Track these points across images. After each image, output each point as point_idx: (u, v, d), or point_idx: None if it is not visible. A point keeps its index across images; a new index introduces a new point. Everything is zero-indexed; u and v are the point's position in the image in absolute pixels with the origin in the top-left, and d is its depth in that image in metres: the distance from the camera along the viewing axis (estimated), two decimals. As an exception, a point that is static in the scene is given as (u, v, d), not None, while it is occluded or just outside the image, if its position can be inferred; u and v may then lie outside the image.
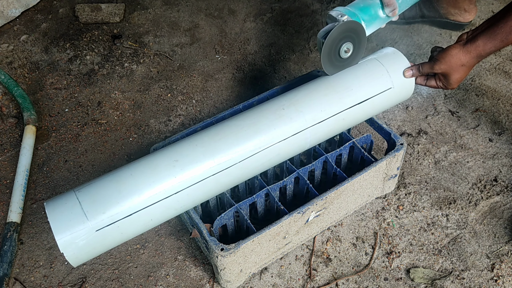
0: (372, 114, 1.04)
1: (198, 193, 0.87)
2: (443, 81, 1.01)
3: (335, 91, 0.97)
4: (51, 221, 0.79)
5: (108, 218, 0.80)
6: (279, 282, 1.05)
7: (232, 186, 0.93)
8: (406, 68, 1.02)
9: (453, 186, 1.22)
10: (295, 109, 0.94)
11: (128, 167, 0.86)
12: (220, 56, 1.61)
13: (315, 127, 0.95)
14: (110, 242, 0.83)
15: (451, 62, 0.96)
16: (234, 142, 0.89)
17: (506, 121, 1.36)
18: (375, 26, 0.99)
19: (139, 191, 0.82)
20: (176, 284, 1.05)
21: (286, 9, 1.76)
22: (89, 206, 0.80)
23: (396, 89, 1.02)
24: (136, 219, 0.82)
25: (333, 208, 1.05)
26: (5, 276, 1.04)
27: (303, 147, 0.97)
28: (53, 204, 0.81)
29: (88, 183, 0.85)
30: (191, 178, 0.85)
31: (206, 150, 0.87)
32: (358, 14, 0.95)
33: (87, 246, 0.80)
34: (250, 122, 0.92)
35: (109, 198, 0.81)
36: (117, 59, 1.58)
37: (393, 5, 0.96)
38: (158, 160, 0.86)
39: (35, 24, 1.70)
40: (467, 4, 1.54)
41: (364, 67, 1.01)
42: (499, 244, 1.11)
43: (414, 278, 1.05)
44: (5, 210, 1.18)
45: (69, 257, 0.79)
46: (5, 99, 1.45)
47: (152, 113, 1.43)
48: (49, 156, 1.31)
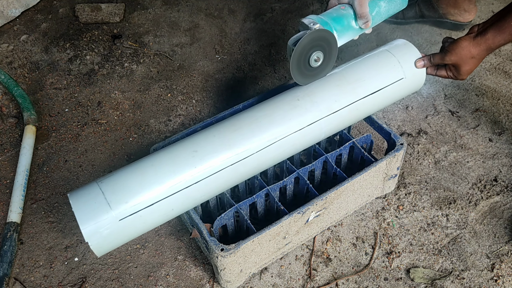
0: (385, 104, 1.05)
1: (216, 183, 0.89)
2: (453, 72, 1.02)
3: (348, 82, 0.98)
4: (75, 211, 0.80)
5: (130, 207, 0.81)
6: (279, 282, 1.05)
7: (249, 176, 0.95)
8: (417, 59, 1.03)
9: (453, 186, 1.22)
10: (309, 100, 0.95)
11: (148, 158, 0.88)
12: (220, 56, 1.61)
13: (329, 117, 0.96)
14: (132, 232, 0.84)
15: (462, 54, 0.97)
16: (250, 133, 0.91)
17: (506, 121, 1.36)
18: (347, 37, 0.97)
19: (160, 181, 0.84)
20: (176, 284, 1.05)
21: (286, 9, 1.76)
22: (112, 196, 0.81)
23: (407, 79, 1.03)
24: (158, 209, 0.84)
25: (333, 208, 1.05)
26: (5, 276, 1.04)
27: (317, 138, 0.99)
28: (77, 195, 0.82)
29: (109, 174, 0.86)
30: (210, 168, 0.87)
31: (224, 141, 0.89)
32: (331, 23, 0.94)
33: (110, 235, 0.81)
34: (265, 113, 0.93)
35: (131, 188, 0.82)
36: (117, 59, 1.58)
37: (366, 18, 0.95)
38: (178, 151, 0.88)
39: (35, 24, 1.70)
40: (467, 4, 1.54)
41: (376, 58, 1.03)
42: (499, 244, 1.11)
43: (414, 278, 1.05)
44: (5, 210, 1.18)
45: (94, 247, 0.80)
46: (5, 99, 1.45)
47: (152, 113, 1.43)
48: (49, 156, 1.31)
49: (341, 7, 0.97)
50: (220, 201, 1.10)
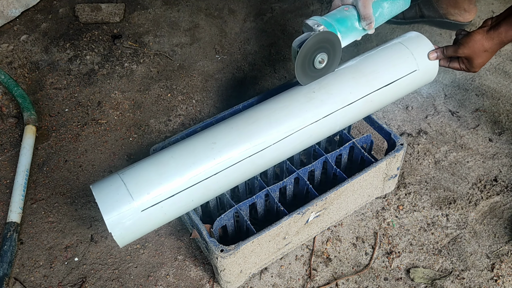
0: (398, 96, 1.06)
1: (235, 174, 0.90)
2: (466, 64, 1.03)
3: (362, 74, 1.00)
4: (99, 202, 0.81)
5: (152, 198, 0.82)
6: (279, 282, 1.05)
7: (266, 168, 0.96)
8: (431, 51, 1.04)
9: (453, 186, 1.22)
10: (325, 92, 0.97)
11: (168, 150, 0.89)
12: (220, 56, 1.61)
13: (345, 109, 0.97)
14: (154, 223, 0.85)
15: (474, 48, 0.98)
16: (268, 125, 0.92)
17: (506, 121, 1.36)
18: (351, 38, 0.98)
19: (180, 173, 0.85)
20: (176, 284, 1.05)
21: (286, 9, 1.76)
22: (134, 187, 0.82)
23: (421, 71, 1.04)
24: (178, 200, 0.85)
25: (333, 208, 1.05)
26: (5, 276, 1.04)
27: (333, 129, 1.00)
28: (99, 186, 0.84)
29: (130, 166, 0.88)
30: (229, 159, 0.88)
31: (241, 133, 0.90)
32: (335, 25, 0.94)
33: (133, 226, 0.82)
34: (282, 106, 0.95)
35: (152, 179, 0.84)
36: (117, 59, 1.58)
37: (369, 19, 0.95)
38: (197, 143, 0.89)
39: (35, 24, 1.70)
40: (467, 4, 1.54)
41: (389, 50, 1.04)
42: (499, 244, 1.11)
43: (414, 278, 1.05)
44: (5, 210, 1.18)
45: (117, 237, 0.81)
46: (5, 99, 1.45)
47: (152, 113, 1.43)
48: (49, 155, 1.31)
49: (345, 8, 0.97)
50: (220, 202, 1.10)
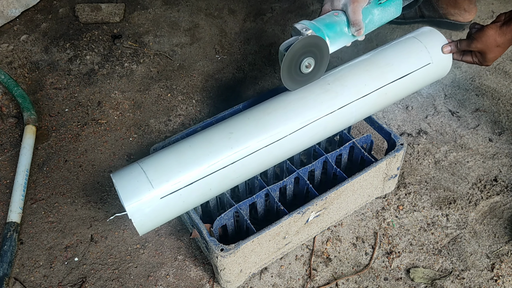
0: (412, 90, 1.07)
1: (252, 164, 0.91)
2: (479, 58, 1.04)
3: (377, 66, 1.01)
4: (119, 189, 0.82)
5: (171, 186, 0.84)
6: (279, 282, 1.05)
7: (283, 158, 0.97)
8: (444, 44, 1.05)
9: (453, 186, 1.22)
10: (340, 84, 0.98)
11: (186, 140, 0.91)
12: (220, 56, 1.61)
13: (360, 101, 0.98)
14: (172, 211, 0.86)
15: (487, 43, 0.99)
16: (284, 116, 0.93)
17: (506, 121, 1.36)
18: (339, 44, 0.96)
19: (198, 161, 0.86)
20: (176, 284, 1.05)
21: (286, 9, 1.76)
22: (153, 175, 0.84)
23: (434, 64, 1.05)
24: (197, 188, 0.86)
25: (333, 208, 1.05)
26: (5, 276, 1.04)
27: (348, 121, 1.01)
28: (120, 174, 0.85)
29: (149, 156, 0.89)
30: (246, 149, 0.89)
31: (258, 123, 0.92)
32: (323, 29, 0.93)
33: (152, 213, 0.83)
34: (298, 97, 0.96)
35: (171, 167, 0.85)
36: (117, 59, 1.58)
37: (359, 25, 0.94)
38: (214, 133, 0.91)
39: (35, 24, 1.70)
40: (467, 4, 1.54)
41: (403, 44, 1.05)
42: (499, 244, 1.11)
43: (414, 278, 1.05)
44: (5, 210, 1.18)
45: (137, 224, 0.83)
46: (5, 99, 1.45)
47: (152, 113, 1.43)
48: (49, 155, 1.31)
49: (335, 13, 0.96)
50: (220, 201, 1.10)
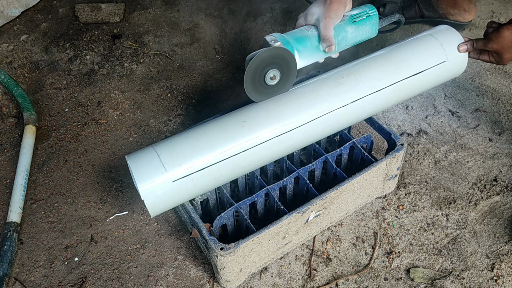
0: (426, 88, 1.07)
1: (264, 152, 0.93)
2: (495, 58, 1.05)
3: (391, 62, 1.01)
4: (133, 170, 0.84)
5: (183, 170, 0.86)
6: (279, 282, 1.05)
7: (294, 149, 0.98)
8: (461, 43, 1.05)
9: (453, 186, 1.22)
10: (354, 78, 0.98)
11: (200, 126, 0.93)
12: (220, 56, 1.61)
13: (373, 95, 0.99)
14: (184, 194, 0.88)
15: (503, 44, 1.00)
16: (297, 107, 0.94)
17: (506, 121, 1.36)
18: (310, 59, 0.95)
19: (211, 147, 0.88)
20: (176, 284, 1.05)
21: (286, 9, 1.76)
22: (167, 158, 0.86)
23: (450, 62, 1.05)
24: (208, 173, 0.88)
25: (333, 208, 1.05)
26: (5, 276, 1.04)
27: (360, 116, 1.01)
28: (134, 156, 0.87)
29: (163, 140, 0.91)
30: (258, 138, 0.91)
31: (271, 114, 0.93)
32: (293, 43, 0.92)
33: (164, 195, 0.85)
34: (312, 89, 0.97)
35: (184, 152, 0.87)
36: (117, 59, 1.58)
37: (329, 41, 0.92)
38: (227, 121, 0.92)
39: (35, 24, 1.70)
40: (466, 4, 1.54)
41: (419, 41, 1.05)
42: (499, 244, 1.11)
43: (414, 278, 1.05)
44: (5, 210, 1.18)
45: (149, 205, 0.85)
46: (5, 99, 1.45)
47: (152, 113, 1.43)
48: (49, 155, 1.31)
49: (307, 27, 0.95)
50: (220, 201, 1.10)
